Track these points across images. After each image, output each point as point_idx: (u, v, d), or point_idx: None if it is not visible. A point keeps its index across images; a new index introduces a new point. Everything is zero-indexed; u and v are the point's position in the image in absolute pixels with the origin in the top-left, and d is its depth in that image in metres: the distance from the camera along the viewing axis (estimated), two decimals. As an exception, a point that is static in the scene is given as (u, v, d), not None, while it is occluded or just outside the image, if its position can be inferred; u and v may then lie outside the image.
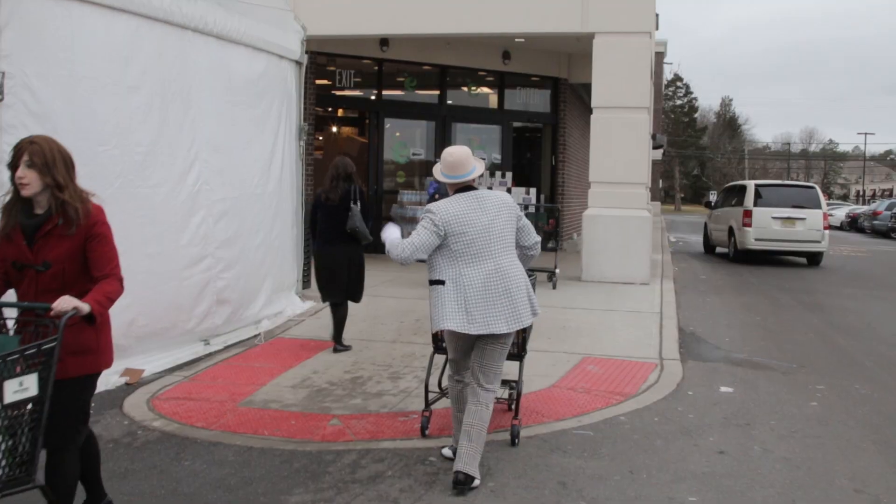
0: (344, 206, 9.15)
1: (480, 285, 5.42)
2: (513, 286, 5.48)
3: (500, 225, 5.55)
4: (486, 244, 5.48)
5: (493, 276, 5.44)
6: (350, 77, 18.58)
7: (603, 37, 14.44)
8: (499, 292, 5.43)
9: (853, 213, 49.18)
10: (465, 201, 5.56)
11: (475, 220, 5.49)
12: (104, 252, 4.29)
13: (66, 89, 7.13)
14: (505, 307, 5.43)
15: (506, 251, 5.55)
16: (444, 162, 5.69)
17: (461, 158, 5.64)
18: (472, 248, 5.46)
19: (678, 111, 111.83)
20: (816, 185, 23.44)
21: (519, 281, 5.53)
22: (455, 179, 5.65)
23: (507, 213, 5.61)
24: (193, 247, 8.77)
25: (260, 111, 10.14)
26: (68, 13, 7.16)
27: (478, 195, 5.61)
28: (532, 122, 21.60)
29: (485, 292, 5.41)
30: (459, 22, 15.11)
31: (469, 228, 5.46)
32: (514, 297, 5.46)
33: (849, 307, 13.73)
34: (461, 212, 5.50)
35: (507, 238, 5.58)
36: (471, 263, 5.47)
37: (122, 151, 7.74)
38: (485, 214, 5.52)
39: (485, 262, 5.46)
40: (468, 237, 5.46)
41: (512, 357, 6.27)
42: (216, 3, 9.17)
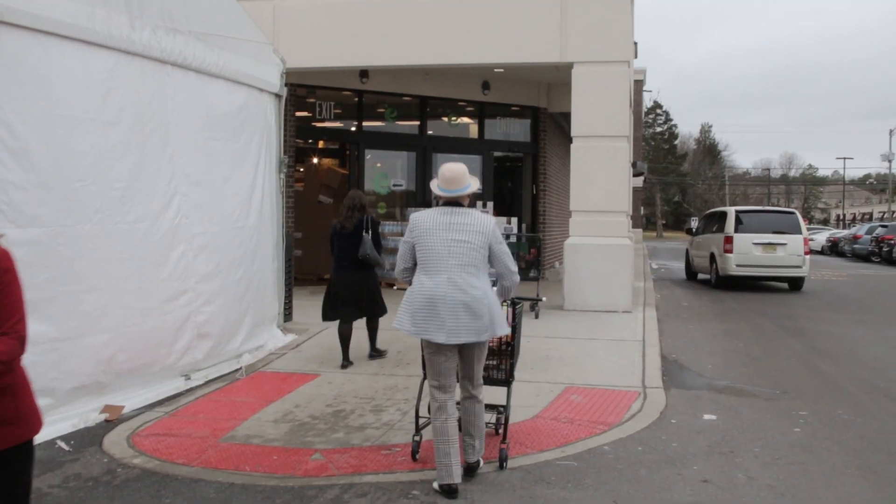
0: (357, 234, 10.05)
1: (428, 293, 5.73)
2: (470, 300, 5.69)
3: (463, 244, 5.75)
4: (443, 258, 5.74)
5: (442, 287, 5.70)
6: (330, 109, 18.62)
7: (581, 66, 14.52)
8: (446, 304, 5.68)
9: (834, 238, 49.48)
10: (440, 216, 5.85)
11: (439, 235, 5.77)
12: (5, 305, 3.57)
13: (43, 126, 7.10)
14: (446, 319, 5.67)
15: (462, 269, 5.73)
16: (442, 176, 5.94)
17: (458, 174, 5.91)
18: (430, 259, 5.78)
19: (658, 138, 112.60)
20: (797, 211, 23.58)
21: (476, 296, 5.72)
22: (449, 193, 5.91)
23: (477, 236, 5.79)
24: (173, 281, 8.72)
25: (240, 145, 10.13)
26: (45, 50, 7.15)
27: (456, 212, 5.87)
28: (512, 152, 21.67)
29: (431, 302, 5.71)
30: (439, 53, 15.18)
31: (432, 241, 5.78)
32: (458, 311, 5.67)
33: (831, 332, 13.77)
34: (431, 225, 5.82)
35: (466, 257, 5.75)
36: (427, 273, 5.79)
37: (101, 187, 7.71)
38: (451, 231, 5.77)
39: (439, 274, 5.74)
40: (428, 249, 5.79)
41: (499, 383, 6.63)
42: (195, 38, 9.18)
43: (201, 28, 9.32)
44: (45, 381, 7.07)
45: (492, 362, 6.68)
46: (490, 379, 6.67)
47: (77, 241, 7.43)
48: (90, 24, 7.59)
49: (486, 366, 6.53)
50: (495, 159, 20.89)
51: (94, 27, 7.64)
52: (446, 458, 5.71)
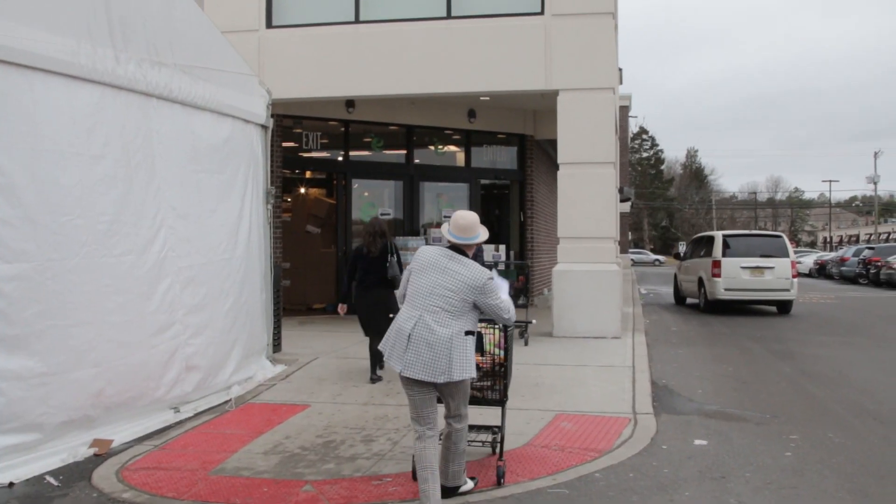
0: (383, 257, 10.84)
1: (401, 325, 5.97)
2: (433, 340, 5.83)
3: (447, 287, 5.93)
4: (424, 297, 5.95)
5: (412, 322, 5.90)
6: (317, 139, 18.65)
7: (567, 93, 14.60)
8: (412, 339, 5.86)
9: (821, 260, 49.69)
10: (440, 257, 6.08)
11: (430, 276, 6.00)
12: None
13: (29, 160, 7.10)
14: (408, 352, 5.86)
15: (437, 310, 5.89)
16: (455, 223, 6.17)
17: (470, 223, 6.17)
18: (415, 294, 6.03)
19: (645, 163, 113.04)
20: (784, 234, 23.68)
21: (440, 338, 5.83)
22: (459, 240, 6.14)
23: (463, 288, 5.93)
24: (161, 314, 8.70)
25: (226, 176, 10.14)
26: (30, 85, 7.15)
27: (455, 258, 6.05)
28: (499, 179, 21.71)
29: (400, 333, 5.94)
30: (424, 82, 15.24)
31: (422, 279, 6.02)
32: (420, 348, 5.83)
33: (820, 355, 13.79)
34: (429, 264, 6.07)
35: (446, 302, 5.90)
36: (409, 305, 6.05)
37: (87, 221, 7.70)
38: (443, 275, 5.98)
39: (416, 310, 5.95)
40: (417, 284, 6.04)
41: (494, 403, 6.79)
42: (181, 70, 9.20)
43: (186, 61, 9.35)
44: (33, 415, 7.04)
45: (486, 383, 6.80)
46: (485, 399, 6.81)
47: (64, 276, 7.41)
48: (75, 59, 7.61)
49: (481, 387, 6.74)
50: (482, 187, 20.92)
51: (79, 61, 7.65)
52: (424, 485, 5.82)
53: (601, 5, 14.65)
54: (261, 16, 15.81)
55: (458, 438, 6.19)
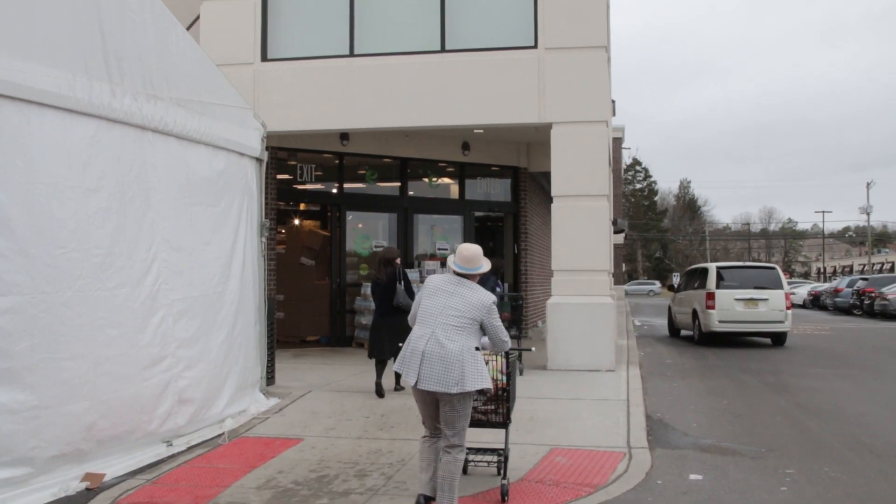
0: (392, 285, 11.94)
1: (414, 343, 6.49)
2: (445, 354, 6.32)
3: (456, 308, 6.50)
4: (435, 316, 6.50)
5: (425, 339, 6.42)
6: (311, 171, 18.69)
7: (560, 126, 14.65)
8: (425, 355, 6.36)
9: (815, 291, 49.72)
10: (448, 283, 6.70)
11: (440, 299, 6.58)
12: None
13: (24, 193, 7.10)
14: (422, 367, 6.35)
15: (448, 328, 6.43)
16: (460, 255, 6.80)
17: (474, 255, 6.81)
18: (425, 314, 6.58)
19: (638, 195, 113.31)
20: (777, 266, 23.73)
21: (451, 352, 6.33)
22: (464, 271, 6.74)
23: (470, 310, 6.52)
24: (154, 347, 8.67)
25: (220, 209, 10.14)
26: (26, 118, 7.17)
27: (463, 283, 6.68)
28: (493, 212, 21.75)
29: (414, 350, 6.44)
30: (419, 115, 15.30)
31: (432, 302, 6.59)
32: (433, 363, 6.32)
33: (815, 387, 13.77)
34: (437, 288, 6.67)
35: (456, 320, 6.46)
36: (420, 325, 6.58)
37: (81, 254, 7.69)
38: (451, 298, 6.56)
39: (427, 328, 6.48)
40: (427, 307, 6.60)
41: (498, 425, 7.31)
42: (176, 104, 9.23)
43: (182, 94, 9.38)
44: (24, 449, 7.00)
45: (490, 407, 7.26)
46: (489, 422, 7.31)
47: (58, 308, 7.39)
48: (71, 93, 7.63)
49: (485, 410, 7.26)
50: (476, 219, 20.95)
51: (75, 95, 7.68)
52: (421, 473, 6.64)
53: (594, 39, 14.74)
54: (256, 49, 15.87)
55: (456, 470, 6.42)
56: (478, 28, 15.52)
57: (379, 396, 11.80)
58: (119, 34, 8.39)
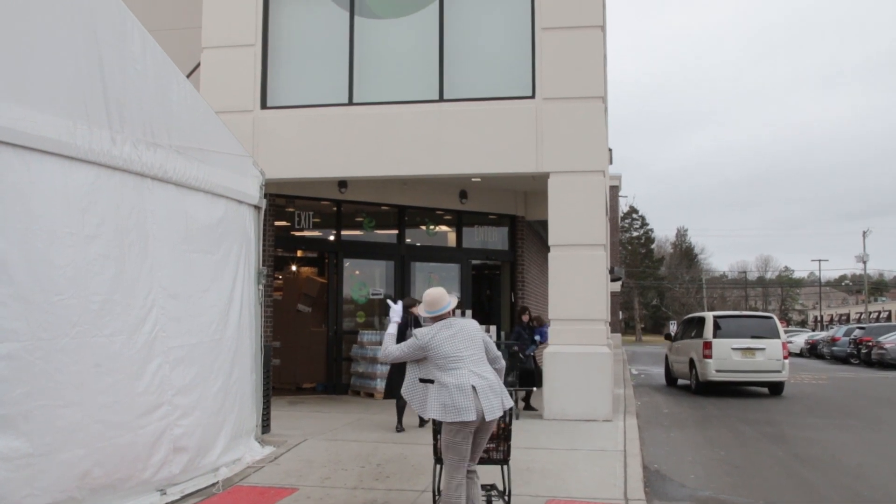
0: (404, 328, 11.79)
1: (458, 384, 6.88)
2: (491, 384, 6.98)
3: (467, 342, 7.13)
4: (459, 359, 7.02)
5: (468, 377, 6.92)
6: (309, 218, 18.74)
7: (557, 176, 14.73)
8: (477, 390, 6.87)
9: (812, 340, 49.72)
10: (442, 330, 7.15)
11: (450, 344, 7.07)
12: None
13: (23, 240, 7.10)
14: (481, 401, 6.85)
15: (476, 363, 7.07)
16: (426, 302, 7.33)
17: (437, 297, 7.32)
18: (449, 361, 7.01)
19: (635, 242, 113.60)
20: (774, 315, 23.74)
21: (493, 381, 7.04)
22: (435, 313, 7.27)
23: (474, 335, 7.23)
24: (150, 395, 8.63)
25: (218, 257, 10.16)
26: (27, 165, 7.19)
27: (452, 323, 7.21)
28: (490, 260, 21.78)
29: (463, 390, 6.85)
30: (416, 164, 15.37)
31: (445, 349, 7.05)
32: (487, 393, 6.90)
33: (813, 438, 13.72)
34: (440, 339, 7.10)
35: (475, 354, 7.13)
36: (447, 371, 7.00)
37: (79, 301, 7.68)
38: (456, 339, 7.10)
39: (459, 370, 6.97)
40: (445, 355, 7.03)
41: (498, 462, 7.86)
42: (175, 151, 9.28)
43: (182, 142, 9.43)
44: (17, 497, 6.93)
45: (491, 445, 7.78)
46: (490, 459, 7.81)
47: (54, 355, 7.36)
48: (72, 140, 7.67)
49: (487, 448, 7.73)
50: (473, 267, 20.99)
51: (75, 142, 7.71)
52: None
53: (591, 90, 14.86)
54: (256, 97, 15.98)
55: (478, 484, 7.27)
56: (476, 78, 15.64)
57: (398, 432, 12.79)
58: (120, 81, 8.45)
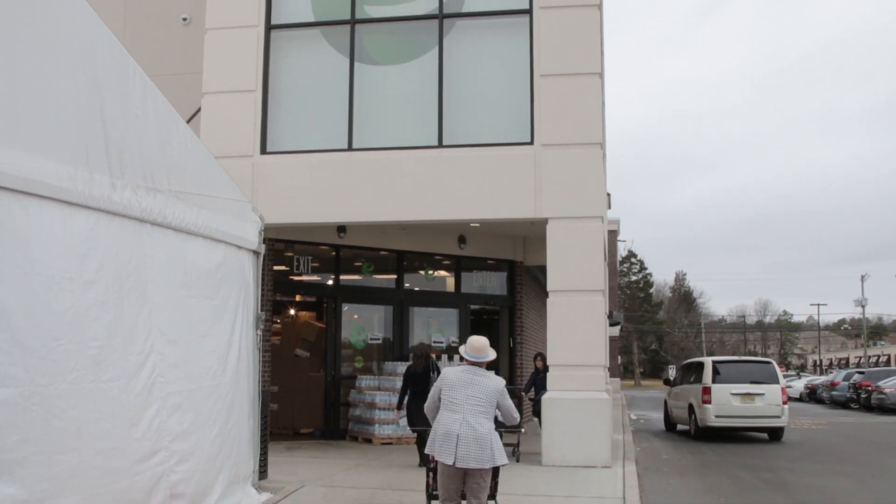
0: (426, 374, 13.75)
1: (448, 427, 7.60)
2: (478, 436, 7.54)
3: (477, 395, 7.73)
4: (462, 405, 7.68)
5: (458, 424, 7.58)
6: (308, 263, 18.76)
7: (556, 222, 14.77)
8: (460, 438, 7.51)
9: (811, 385, 49.56)
10: (463, 373, 7.90)
11: (462, 390, 7.76)
12: None
13: (21, 285, 7.09)
14: (459, 448, 7.50)
15: (476, 413, 7.66)
16: (470, 345, 8.08)
17: (483, 345, 8.07)
18: (452, 403, 7.74)
19: (634, 287, 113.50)
20: (773, 361, 23.72)
21: (482, 434, 7.58)
22: (474, 358, 7.99)
23: (488, 393, 7.78)
24: (147, 440, 8.58)
25: (217, 302, 10.15)
26: (26, 211, 7.20)
27: (478, 372, 7.90)
28: (489, 305, 21.78)
29: (448, 433, 7.56)
30: (415, 210, 15.42)
31: (455, 393, 7.76)
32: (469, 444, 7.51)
33: (813, 484, 13.64)
34: (456, 378, 7.86)
35: (480, 405, 7.70)
36: (450, 411, 7.72)
37: (77, 347, 7.66)
38: (470, 388, 7.76)
39: (457, 414, 7.66)
40: (451, 395, 7.77)
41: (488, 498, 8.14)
42: (175, 197, 9.30)
43: (181, 187, 9.46)
44: (11, 545, 6.88)
45: None
46: None
47: (51, 401, 7.33)
48: (72, 185, 7.69)
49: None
50: (472, 312, 20.98)
51: (75, 188, 7.73)
52: None
53: (589, 136, 14.96)
54: (256, 142, 16.07)
55: None
56: (475, 123, 15.75)
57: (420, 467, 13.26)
58: (121, 127, 8.50)
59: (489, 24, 16.09)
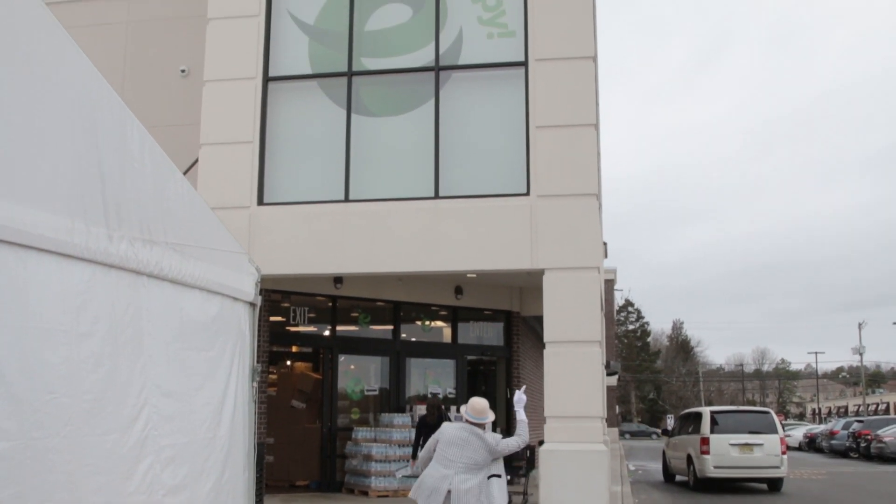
0: (439, 424, 12.99)
1: (437, 479, 8.26)
2: (468, 488, 8.20)
3: (471, 456, 8.34)
4: (455, 462, 8.32)
5: (449, 482, 8.23)
6: (304, 314, 18.75)
7: (552, 273, 14.79)
8: (458, 492, 8.13)
9: (811, 434, 49.38)
10: (461, 431, 8.57)
11: (458, 446, 8.38)
12: None
13: (16, 338, 7.06)
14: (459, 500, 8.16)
15: (465, 469, 8.31)
16: (472, 407, 8.83)
17: (481, 408, 8.83)
18: (446, 459, 8.35)
19: (631, 336, 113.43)
20: (771, 410, 23.65)
21: (471, 486, 8.24)
22: (475, 420, 8.71)
23: (482, 453, 8.46)
24: (140, 494, 8.49)
25: (212, 354, 10.11)
26: (23, 263, 7.20)
27: (473, 431, 8.57)
28: (486, 356, 21.75)
29: (435, 487, 8.20)
30: (412, 260, 15.43)
31: (451, 448, 8.38)
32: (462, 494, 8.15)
33: (813, 537, 13.52)
34: (454, 436, 8.51)
35: (469, 463, 8.34)
36: (441, 466, 8.35)
37: (71, 399, 7.61)
38: (466, 446, 8.39)
39: (448, 469, 8.31)
40: (447, 451, 8.39)
41: None
42: (172, 249, 9.30)
43: (178, 239, 9.46)
44: None
45: None
46: None
47: (45, 455, 7.26)
48: (69, 238, 7.68)
49: None
50: (469, 363, 20.93)
51: (72, 240, 7.72)
52: None
53: (585, 187, 15.03)
54: (253, 193, 16.12)
55: None
56: (471, 175, 15.82)
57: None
58: (118, 179, 8.51)
59: (485, 76, 16.24)
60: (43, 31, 7.47)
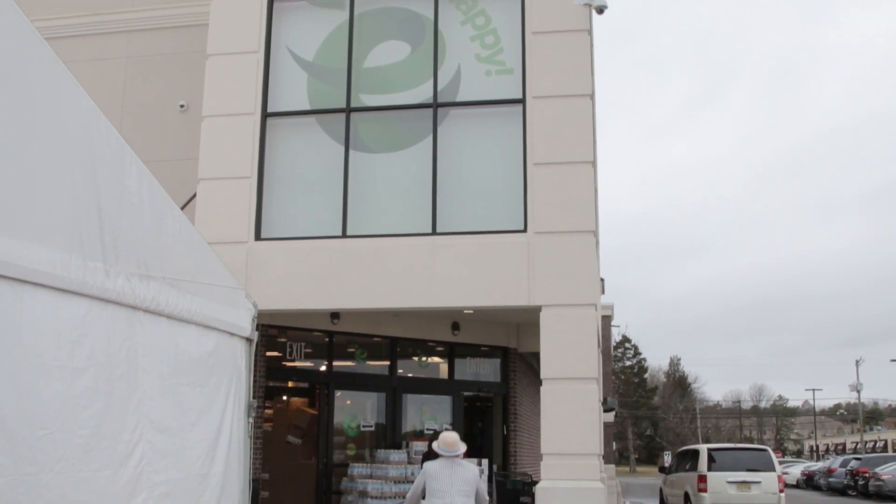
0: None
1: None
2: None
3: (460, 480, 9.25)
4: (448, 490, 9.15)
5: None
6: (301, 349, 18.71)
7: (549, 309, 14.78)
8: None
9: (808, 471, 49.19)
10: (443, 464, 9.40)
11: (445, 476, 9.23)
12: None
13: (12, 373, 7.04)
14: None
15: (461, 494, 9.15)
16: (443, 441, 9.57)
17: (452, 441, 9.54)
18: (440, 490, 9.15)
19: (628, 372, 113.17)
20: (769, 448, 23.59)
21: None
22: (448, 453, 9.49)
23: (469, 478, 9.40)
24: (134, 531, 8.45)
25: (208, 389, 10.08)
26: (19, 298, 7.18)
27: (457, 463, 9.44)
28: (483, 392, 21.67)
29: None
30: (409, 296, 15.42)
31: (440, 479, 9.23)
32: None
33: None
34: (438, 470, 9.37)
35: (463, 491, 9.19)
36: (437, 498, 9.16)
37: (65, 435, 7.57)
38: (453, 474, 9.25)
39: (445, 498, 9.12)
40: (437, 484, 9.20)
41: None
42: (168, 284, 9.30)
43: (175, 274, 9.47)
44: None
45: None
46: None
47: (38, 490, 7.22)
48: (66, 273, 7.68)
49: None
50: (465, 399, 20.85)
51: (69, 275, 7.72)
52: None
53: (582, 224, 15.06)
54: (250, 228, 16.13)
55: None
56: (468, 211, 15.86)
57: None
58: (116, 214, 8.53)
59: (483, 113, 16.32)
60: (42, 66, 7.52)
